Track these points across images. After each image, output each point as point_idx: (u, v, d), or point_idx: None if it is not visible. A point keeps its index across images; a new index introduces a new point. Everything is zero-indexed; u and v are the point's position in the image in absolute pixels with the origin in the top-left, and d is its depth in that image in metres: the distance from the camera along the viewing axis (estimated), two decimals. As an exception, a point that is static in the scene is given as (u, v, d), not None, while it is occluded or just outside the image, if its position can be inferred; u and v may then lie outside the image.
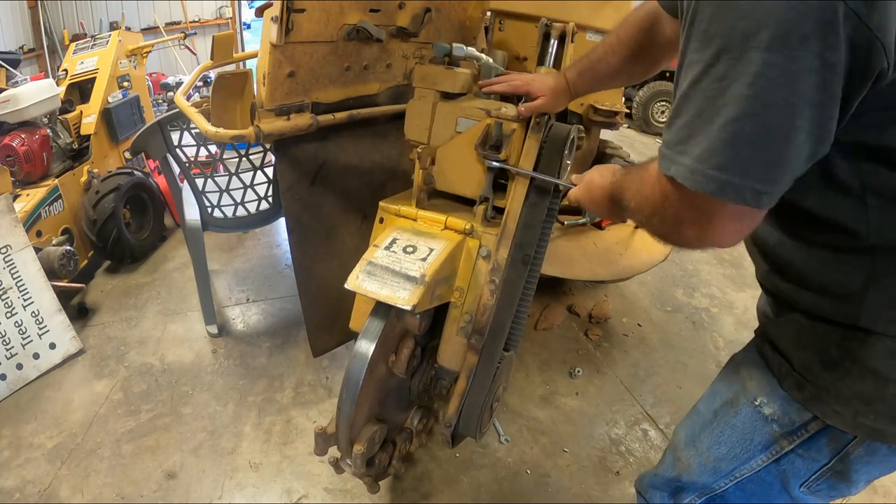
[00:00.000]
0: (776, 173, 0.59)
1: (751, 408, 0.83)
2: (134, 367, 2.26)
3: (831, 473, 0.78)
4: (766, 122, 0.56)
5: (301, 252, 1.73)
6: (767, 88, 0.55)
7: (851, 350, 0.70)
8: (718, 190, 0.60)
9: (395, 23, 1.60)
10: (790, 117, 0.56)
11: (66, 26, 6.50)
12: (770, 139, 0.57)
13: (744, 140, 0.58)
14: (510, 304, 1.27)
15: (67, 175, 2.82)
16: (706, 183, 0.60)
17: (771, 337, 0.82)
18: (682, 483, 0.97)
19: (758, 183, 0.59)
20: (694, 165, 0.61)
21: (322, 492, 1.73)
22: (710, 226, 0.65)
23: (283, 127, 1.47)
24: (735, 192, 0.59)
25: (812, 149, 0.58)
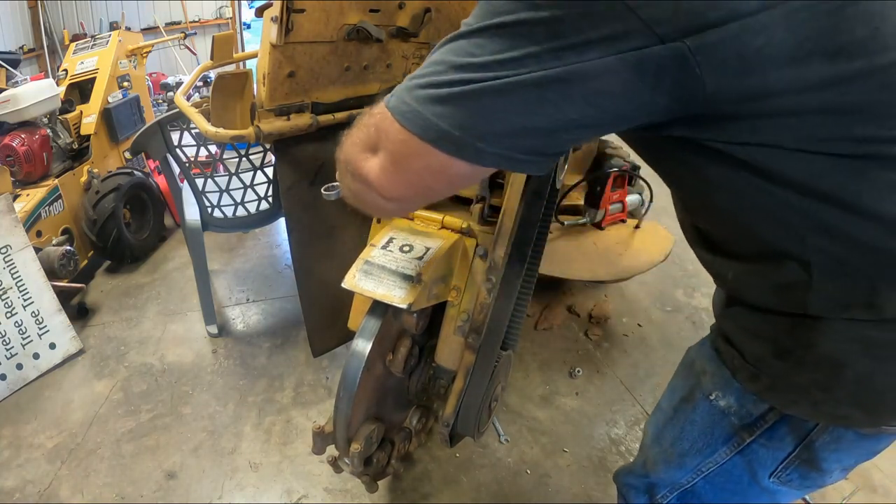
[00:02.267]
0: (512, 137, 0.55)
1: (707, 402, 0.82)
2: (134, 367, 2.27)
3: (799, 462, 0.76)
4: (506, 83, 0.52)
5: (301, 252, 1.74)
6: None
7: (803, 337, 0.68)
8: (438, 139, 0.55)
9: (395, 23, 1.60)
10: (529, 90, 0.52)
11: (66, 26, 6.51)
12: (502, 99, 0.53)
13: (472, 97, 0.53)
14: (507, 303, 1.27)
15: (67, 175, 2.82)
16: (424, 126, 0.55)
17: (723, 330, 0.80)
18: (651, 480, 0.98)
19: (483, 142, 0.55)
20: (417, 106, 0.56)
21: (322, 492, 1.73)
22: (396, 166, 0.60)
23: (283, 127, 1.47)
24: (458, 147, 0.55)
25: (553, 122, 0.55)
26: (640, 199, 2.62)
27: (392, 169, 0.61)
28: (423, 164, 0.58)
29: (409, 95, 0.57)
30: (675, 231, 2.84)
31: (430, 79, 0.56)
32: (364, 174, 0.64)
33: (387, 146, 0.60)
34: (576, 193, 2.52)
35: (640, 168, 2.50)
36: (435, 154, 0.56)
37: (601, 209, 2.47)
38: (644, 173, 2.55)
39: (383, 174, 0.62)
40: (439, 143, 0.55)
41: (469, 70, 0.53)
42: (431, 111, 0.55)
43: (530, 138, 0.56)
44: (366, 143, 0.63)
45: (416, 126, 0.56)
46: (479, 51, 0.53)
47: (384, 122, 0.59)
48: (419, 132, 0.56)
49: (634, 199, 2.59)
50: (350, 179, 0.69)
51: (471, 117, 0.54)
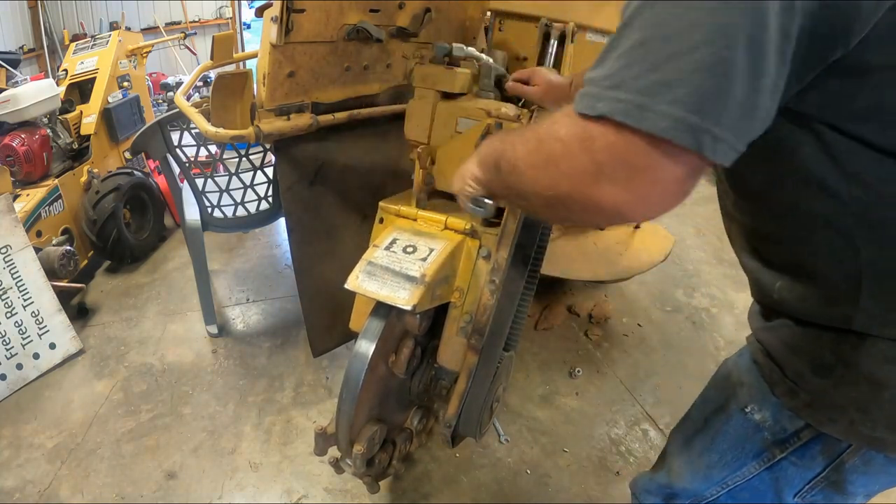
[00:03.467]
0: (741, 121, 0.49)
1: (742, 415, 0.81)
2: (134, 367, 2.26)
3: (826, 483, 0.76)
4: (732, 57, 0.47)
5: (301, 252, 1.73)
6: (732, 16, 0.46)
7: (845, 355, 0.68)
8: (672, 128, 0.48)
9: (395, 23, 1.60)
10: (759, 57, 0.47)
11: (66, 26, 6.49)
12: (738, 78, 0.47)
13: (704, 72, 0.47)
14: (510, 304, 1.27)
15: (67, 175, 2.82)
16: (656, 119, 0.48)
17: (762, 343, 0.80)
18: (674, 490, 0.96)
19: (718, 126, 0.48)
20: (638, 99, 0.49)
21: (322, 492, 1.73)
22: (645, 183, 0.52)
23: (283, 127, 1.47)
24: (691, 134, 0.48)
25: (773, 102, 0.51)
26: (641, 200, 2.61)
27: (652, 190, 0.52)
28: (677, 171, 0.51)
29: (622, 90, 0.50)
30: (675, 231, 2.84)
31: (639, 59, 0.50)
32: (610, 206, 0.54)
33: (637, 166, 0.51)
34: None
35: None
36: (676, 154, 0.49)
37: (601, 209, 2.46)
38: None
39: (639, 199, 0.53)
40: (678, 133, 0.48)
41: (685, 37, 0.48)
42: (662, 98, 0.48)
43: (751, 118, 0.50)
44: (597, 173, 0.53)
45: (649, 121, 0.48)
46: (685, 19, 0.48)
47: (614, 139, 0.51)
48: (655, 128, 0.48)
49: (635, 200, 2.58)
50: (565, 210, 0.60)
51: (707, 97, 0.48)
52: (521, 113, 1.27)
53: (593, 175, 0.53)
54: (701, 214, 3.52)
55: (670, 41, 0.49)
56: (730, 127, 0.49)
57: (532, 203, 0.65)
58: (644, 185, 0.52)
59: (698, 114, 0.48)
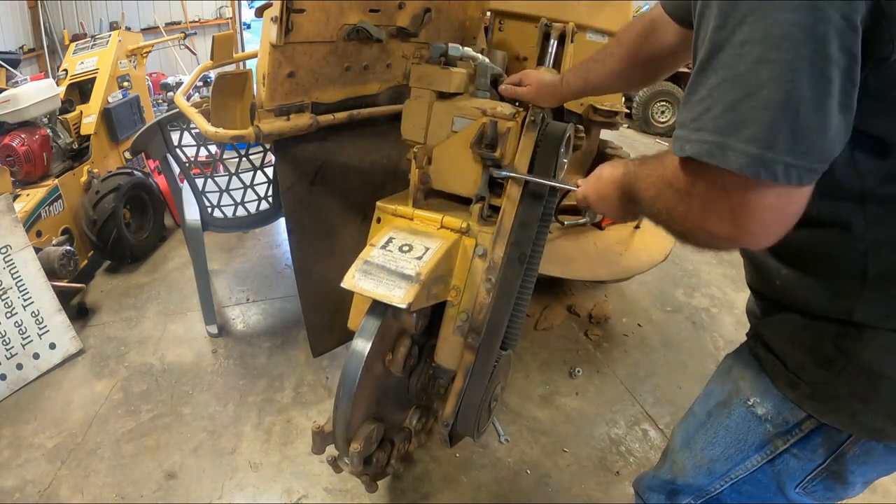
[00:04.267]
0: (812, 145, 0.53)
1: (744, 408, 0.83)
2: (134, 367, 2.26)
3: (827, 474, 0.77)
4: (797, 89, 0.51)
5: (301, 252, 1.73)
6: (795, 50, 0.50)
7: (846, 347, 0.69)
8: (747, 165, 0.53)
9: (394, 23, 1.60)
10: (823, 82, 0.51)
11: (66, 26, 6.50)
12: (804, 107, 0.51)
13: (773, 109, 0.52)
14: (507, 302, 1.27)
15: (67, 175, 2.82)
16: (735, 157, 0.53)
17: (763, 337, 0.81)
18: (677, 485, 0.97)
19: (790, 155, 0.52)
20: (719, 140, 0.54)
21: (322, 492, 1.73)
22: (744, 215, 0.57)
23: (283, 127, 1.47)
24: (765, 168, 0.52)
25: (845, 118, 0.54)
26: (641, 199, 2.61)
27: (750, 220, 0.58)
28: (765, 201, 0.56)
29: (706, 132, 0.56)
30: (675, 231, 2.84)
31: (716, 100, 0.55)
32: (723, 235, 0.61)
33: (729, 201, 0.57)
34: (576, 193, 2.51)
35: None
36: (759, 186, 0.55)
37: (601, 209, 2.46)
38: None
39: (742, 229, 0.59)
40: (754, 169, 0.53)
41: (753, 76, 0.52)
42: (737, 137, 0.53)
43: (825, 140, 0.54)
44: (704, 210, 0.61)
45: (729, 160, 0.54)
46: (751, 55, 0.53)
47: (702, 178, 0.58)
48: (734, 165, 0.54)
49: (634, 199, 2.58)
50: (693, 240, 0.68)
51: (775, 131, 0.52)
52: (516, 112, 1.27)
53: (703, 214, 0.61)
54: (701, 214, 3.51)
55: (742, 81, 0.53)
56: (803, 153, 0.53)
57: (672, 230, 0.71)
58: (743, 217, 0.57)
59: (772, 149, 0.52)
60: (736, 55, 0.54)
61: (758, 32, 0.52)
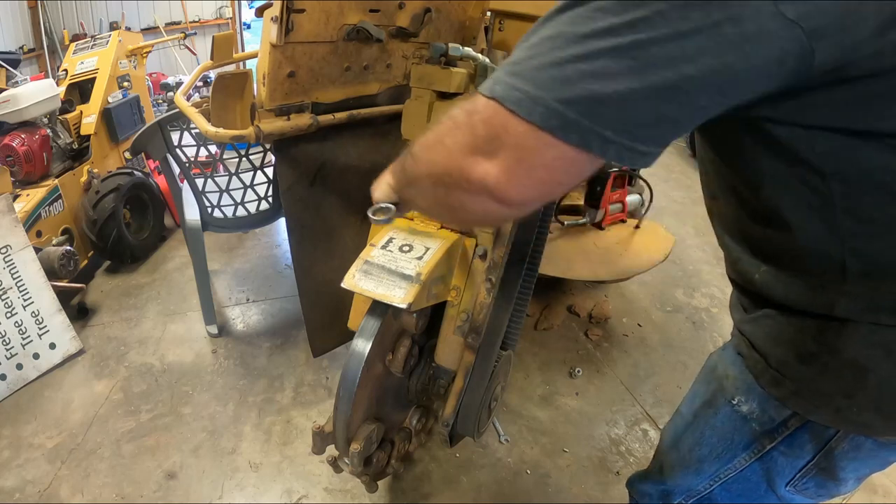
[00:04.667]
0: (636, 125, 0.49)
1: (729, 407, 0.82)
2: (134, 367, 2.27)
3: (817, 470, 0.76)
4: (633, 67, 0.47)
5: (301, 252, 1.73)
6: (646, 34, 0.46)
7: (829, 342, 0.68)
8: (560, 127, 0.48)
9: (395, 23, 1.60)
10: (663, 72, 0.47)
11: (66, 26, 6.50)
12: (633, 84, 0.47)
13: (598, 78, 0.47)
14: (507, 302, 1.27)
15: (67, 175, 2.82)
16: (546, 114, 0.48)
17: (746, 334, 0.80)
18: (668, 486, 0.97)
19: (609, 130, 0.48)
20: (534, 92, 0.49)
21: (322, 492, 1.73)
22: (518, 164, 0.52)
23: (283, 127, 1.47)
24: (580, 135, 0.48)
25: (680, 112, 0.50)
26: (640, 199, 2.62)
27: (518, 169, 0.52)
28: (550, 158, 0.51)
29: (521, 80, 0.50)
30: (675, 231, 2.84)
31: (547, 57, 0.49)
32: (478, 181, 0.54)
33: (508, 143, 0.51)
34: (576, 193, 2.52)
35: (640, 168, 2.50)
36: (559, 146, 0.49)
37: (601, 209, 2.47)
38: (644, 173, 2.55)
39: (506, 177, 0.52)
40: (564, 132, 0.48)
41: (595, 38, 0.47)
42: (554, 95, 0.48)
43: (658, 128, 0.50)
44: (473, 146, 0.53)
45: (537, 115, 0.48)
46: (603, 15, 0.48)
47: (497, 116, 0.51)
48: (541, 122, 0.48)
49: (634, 199, 2.59)
50: (445, 192, 0.59)
51: (601, 100, 0.47)
52: None
53: (470, 146, 0.53)
54: (701, 214, 3.51)
55: (577, 43, 0.48)
56: (628, 133, 0.49)
57: (422, 189, 0.64)
58: (516, 164, 0.52)
59: (588, 117, 0.48)
60: (581, 13, 0.49)
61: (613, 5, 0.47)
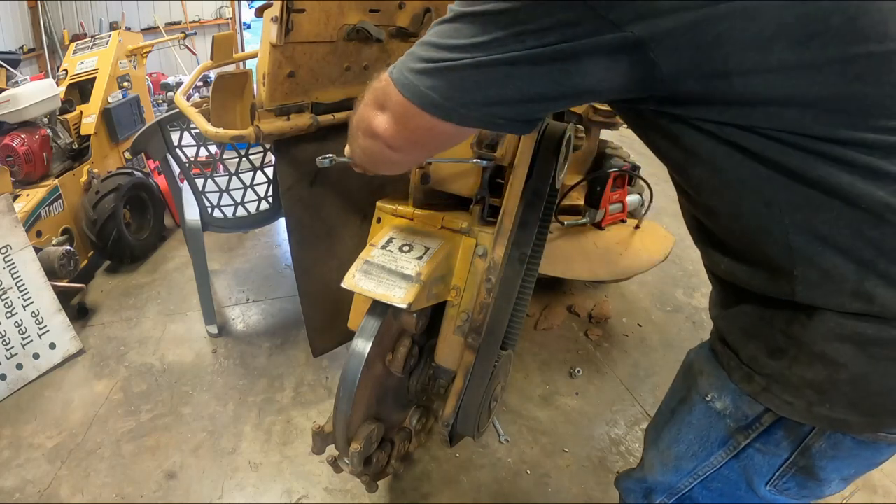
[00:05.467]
0: (498, 106, 0.64)
1: (703, 404, 0.82)
2: (134, 367, 2.27)
3: (796, 469, 0.75)
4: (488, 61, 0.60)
5: (301, 252, 1.73)
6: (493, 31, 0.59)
7: (796, 334, 0.67)
8: (429, 105, 0.65)
9: (395, 23, 1.60)
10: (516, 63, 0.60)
11: (66, 26, 6.51)
12: (485, 76, 0.62)
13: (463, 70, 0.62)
14: (507, 302, 1.27)
15: (67, 175, 2.82)
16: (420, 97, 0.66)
17: (720, 330, 0.80)
18: (649, 483, 0.97)
19: (464, 108, 0.65)
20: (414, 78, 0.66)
21: (322, 492, 1.73)
22: (398, 121, 0.72)
23: (283, 127, 1.47)
24: (443, 111, 0.65)
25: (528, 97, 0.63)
26: (640, 199, 2.62)
27: (395, 125, 0.72)
28: (419, 123, 0.69)
29: (405, 69, 0.68)
30: (675, 231, 2.84)
31: (420, 55, 0.66)
32: (374, 127, 0.75)
33: (390, 107, 0.71)
34: (576, 193, 2.52)
35: (640, 168, 2.50)
36: (427, 117, 0.67)
37: (601, 209, 2.47)
38: (644, 173, 2.55)
39: (389, 128, 0.73)
40: (430, 108, 0.66)
41: (449, 50, 0.63)
42: (423, 83, 0.65)
43: (505, 107, 0.65)
44: (375, 103, 0.75)
45: (412, 94, 0.66)
46: (457, 34, 0.62)
47: (388, 87, 0.70)
48: (414, 99, 0.66)
49: (634, 199, 2.59)
50: (362, 137, 0.80)
51: (453, 89, 0.64)
52: None
53: (374, 104, 0.75)
54: (701, 214, 3.52)
55: (450, 37, 0.63)
56: (481, 110, 0.65)
57: (356, 140, 0.84)
58: (395, 122, 0.72)
59: (449, 100, 0.64)
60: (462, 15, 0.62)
61: (478, 16, 0.60)
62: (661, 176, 4.68)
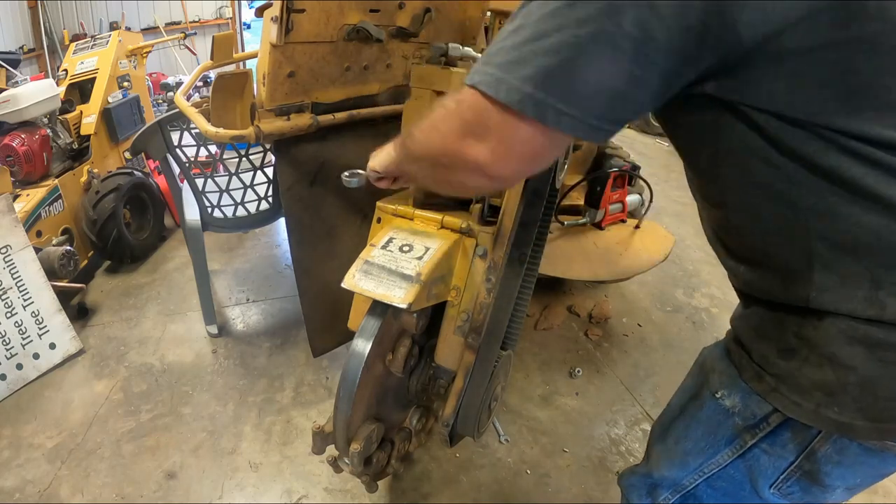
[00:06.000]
0: (587, 97, 0.57)
1: (713, 400, 0.83)
2: (134, 367, 2.27)
3: (801, 473, 0.76)
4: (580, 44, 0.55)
5: (301, 252, 1.74)
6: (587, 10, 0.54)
7: (808, 336, 0.68)
8: (519, 101, 0.57)
9: (395, 23, 1.60)
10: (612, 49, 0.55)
11: (66, 26, 6.51)
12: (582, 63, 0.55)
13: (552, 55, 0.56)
14: (507, 302, 1.27)
15: (67, 175, 2.82)
16: (507, 91, 0.57)
17: (735, 330, 0.81)
18: (654, 479, 0.97)
19: (562, 103, 0.56)
20: (498, 73, 0.58)
21: (322, 492, 1.73)
22: (499, 143, 0.61)
23: (283, 127, 1.47)
24: (536, 108, 0.57)
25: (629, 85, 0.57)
26: (640, 199, 2.62)
27: (500, 148, 0.62)
28: (524, 136, 0.60)
29: (490, 66, 0.59)
30: (675, 231, 2.84)
31: (508, 42, 0.59)
32: (472, 161, 0.63)
33: (490, 126, 0.61)
34: (576, 193, 2.52)
35: (640, 168, 2.50)
36: (525, 122, 0.58)
37: (601, 209, 2.47)
38: (644, 173, 2.55)
39: (494, 156, 0.62)
40: (522, 105, 0.57)
41: (543, 21, 0.56)
42: (515, 75, 0.57)
43: (602, 99, 0.57)
44: (464, 130, 0.63)
45: (503, 93, 0.57)
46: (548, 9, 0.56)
47: (477, 101, 0.60)
48: (506, 98, 0.57)
49: (634, 199, 2.59)
50: (444, 171, 0.70)
51: (549, 73, 0.56)
52: None
53: (461, 132, 0.63)
54: (701, 214, 3.52)
55: (533, 27, 0.57)
56: (576, 104, 0.57)
57: (423, 167, 0.75)
58: (499, 145, 0.61)
59: (544, 90, 0.56)
60: (536, 6, 0.58)
61: None
62: (660, 176, 4.69)
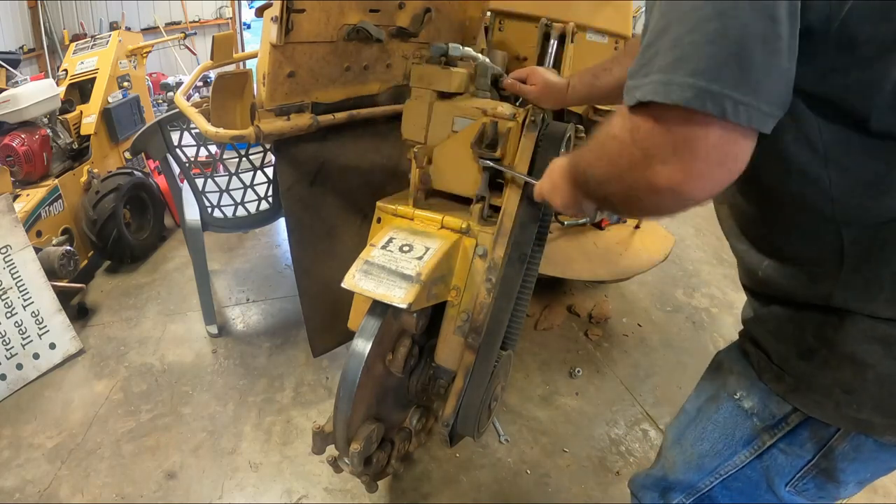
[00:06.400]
0: (761, 83, 0.51)
1: (731, 402, 0.83)
2: (134, 367, 2.26)
3: (817, 471, 0.77)
4: (742, 24, 0.50)
5: (301, 252, 1.73)
6: None
7: (827, 336, 0.69)
8: (694, 98, 0.51)
9: (395, 23, 1.60)
10: (769, 21, 0.50)
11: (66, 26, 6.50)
12: (750, 42, 0.50)
13: (717, 43, 0.50)
14: (507, 302, 1.27)
15: (67, 175, 2.82)
16: (680, 91, 0.51)
17: (752, 334, 0.82)
18: (669, 482, 0.97)
19: (738, 91, 0.51)
20: (662, 77, 0.53)
21: (322, 492, 1.73)
22: (687, 154, 0.54)
23: (283, 127, 1.47)
24: (712, 100, 0.50)
25: (792, 64, 0.53)
26: (641, 200, 2.61)
27: (693, 164, 0.55)
28: (712, 141, 0.53)
29: (652, 74, 0.54)
30: (675, 231, 2.84)
31: (661, 44, 0.54)
32: (665, 187, 0.57)
33: (674, 142, 0.54)
34: (576, 193, 2.51)
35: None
36: (707, 123, 0.52)
37: (601, 209, 2.46)
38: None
39: (687, 175, 0.55)
40: (700, 101, 0.51)
41: (699, 13, 0.51)
42: (682, 72, 0.52)
43: (770, 81, 0.53)
44: (647, 160, 0.57)
45: (674, 93, 0.52)
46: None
47: (652, 125, 0.55)
48: (681, 100, 0.51)
49: (634, 199, 2.58)
50: (638, 199, 0.63)
51: (720, 62, 0.51)
52: (516, 112, 1.27)
53: (645, 161, 0.57)
54: (701, 214, 3.52)
55: (685, 20, 0.52)
56: (751, 91, 0.51)
57: (615, 201, 0.69)
58: (689, 159, 0.54)
59: (717, 81, 0.50)
60: (672, 4, 0.54)
61: None
62: (661, 176, 4.66)
